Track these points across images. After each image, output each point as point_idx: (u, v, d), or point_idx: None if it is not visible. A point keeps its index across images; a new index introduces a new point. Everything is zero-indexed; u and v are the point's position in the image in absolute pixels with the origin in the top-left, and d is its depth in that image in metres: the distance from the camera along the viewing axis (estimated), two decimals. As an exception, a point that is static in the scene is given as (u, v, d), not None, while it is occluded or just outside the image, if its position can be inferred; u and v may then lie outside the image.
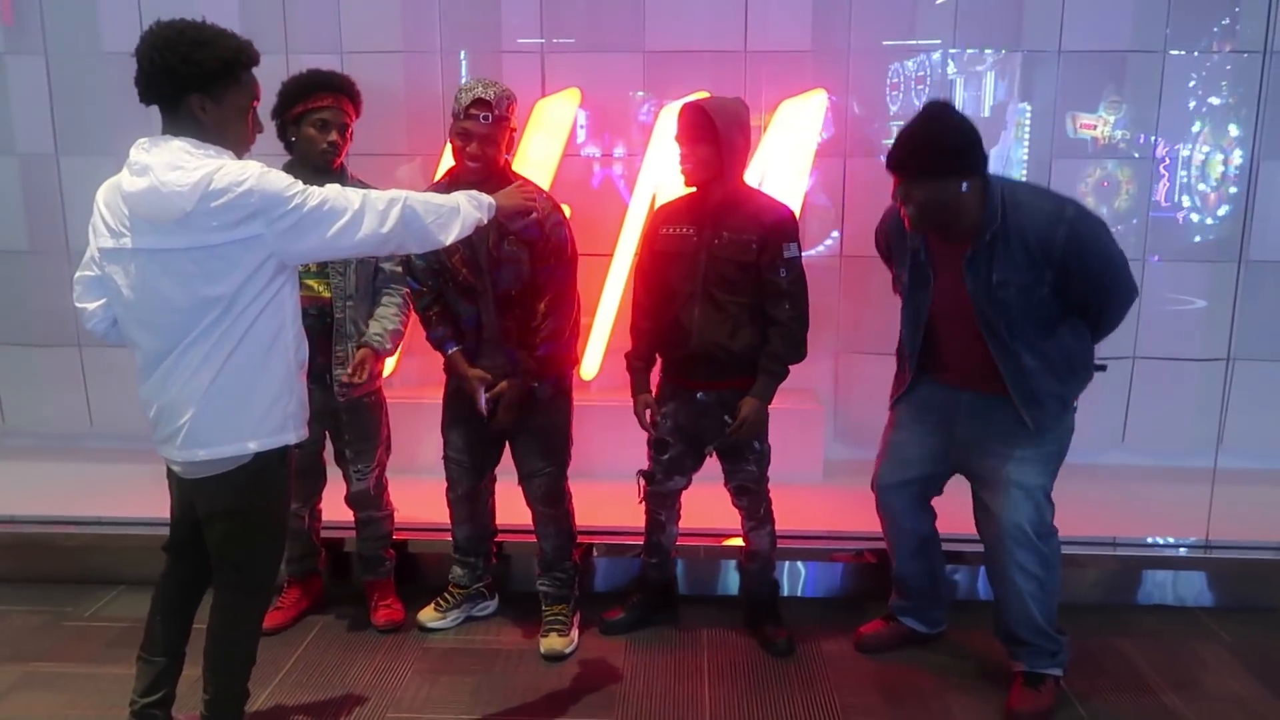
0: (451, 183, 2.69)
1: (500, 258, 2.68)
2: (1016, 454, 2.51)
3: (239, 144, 2.09)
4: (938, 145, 2.33)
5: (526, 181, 2.65)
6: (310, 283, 2.77)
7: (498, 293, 2.72)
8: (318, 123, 2.74)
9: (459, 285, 2.75)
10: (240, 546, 2.18)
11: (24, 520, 3.46)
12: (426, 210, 2.11)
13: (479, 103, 2.59)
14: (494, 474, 3.04)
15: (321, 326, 2.77)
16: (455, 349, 2.81)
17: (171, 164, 1.93)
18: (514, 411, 2.76)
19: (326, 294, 2.78)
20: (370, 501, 3.03)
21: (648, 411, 2.86)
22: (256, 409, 2.07)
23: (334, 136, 2.74)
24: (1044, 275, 2.36)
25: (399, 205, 2.07)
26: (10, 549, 3.42)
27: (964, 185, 2.34)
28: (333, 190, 2.03)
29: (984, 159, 2.39)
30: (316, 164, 2.77)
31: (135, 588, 3.32)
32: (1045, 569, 2.54)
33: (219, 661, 2.23)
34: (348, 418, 2.91)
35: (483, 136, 2.60)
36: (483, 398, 2.74)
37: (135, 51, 1.98)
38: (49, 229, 4.02)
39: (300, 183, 2.01)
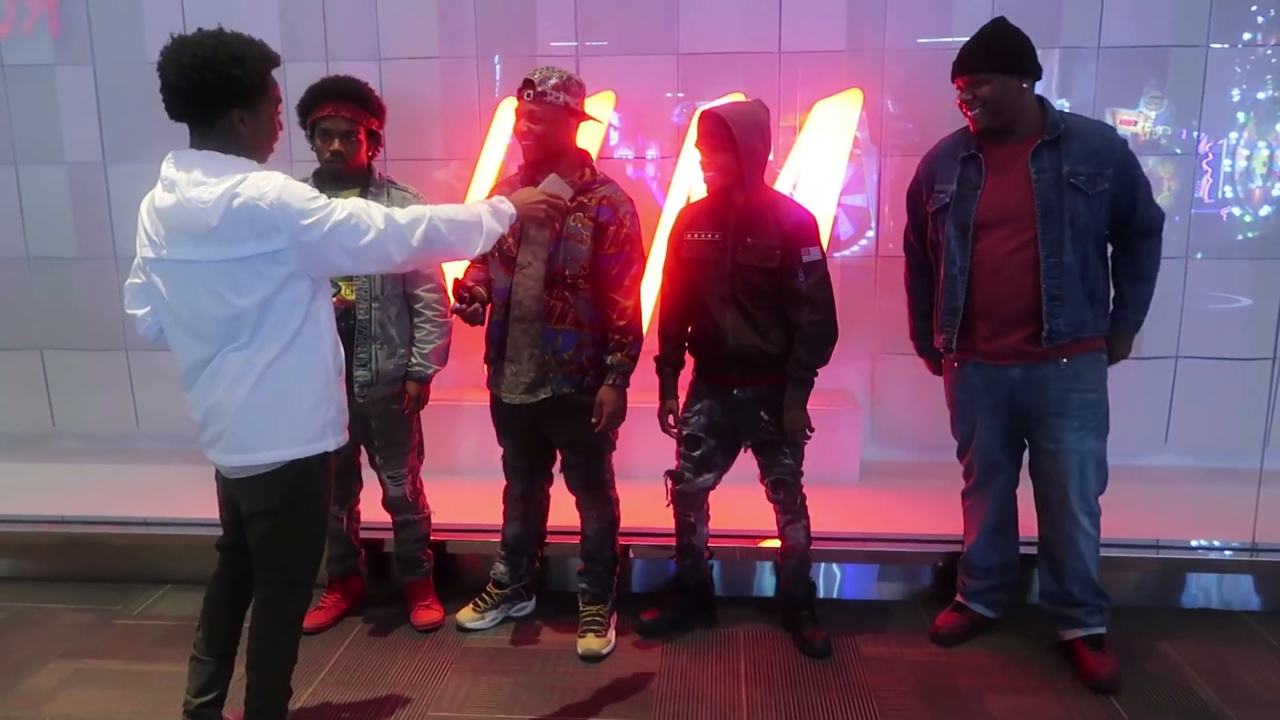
0: (522, 170, 2.79)
1: (563, 232, 2.70)
2: (1075, 422, 2.66)
3: (267, 149, 2.12)
4: (1004, 44, 2.59)
5: (549, 199, 2.46)
6: (337, 281, 2.79)
7: (551, 269, 2.72)
8: (321, 132, 2.79)
9: (502, 254, 2.78)
10: (280, 546, 2.21)
11: (73, 520, 3.54)
12: (451, 228, 2.11)
13: (525, 83, 2.66)
14: (550, 476, 3.07)
15: (345, 328, 2.79)
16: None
17: (195, 180, 1.96)
18: (619, 417, 2.80)
19: (350, 296, 2.81)
20: (406, 506, 3.07)
21: (670, 418, 2.89)
22: (295, 416, 2.10)
23: (336, 145, 2.76)
24: (1105, 172, 2.57)
25: (423, 224, 2.07)
26: (60, 548, 3.51)
27: (1024, 84, 2.59)
28: (358, 205, 2.04)
29: (1039, 67, 2.63)
30: (327, 171, 2.82)
31: (182, 586, 3.39)
32: (1097, 527, 2.73)
33: (260, 659, 2.27)
34: (377, 424, 2.94)
35: (528, 114, 2.66)
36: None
37: (161, 68, 1.98)
38: (97, 236, 4.12)
39: (323, 196, 2.02)
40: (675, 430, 2.91)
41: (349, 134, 2.77)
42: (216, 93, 1.97)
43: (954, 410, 2.90)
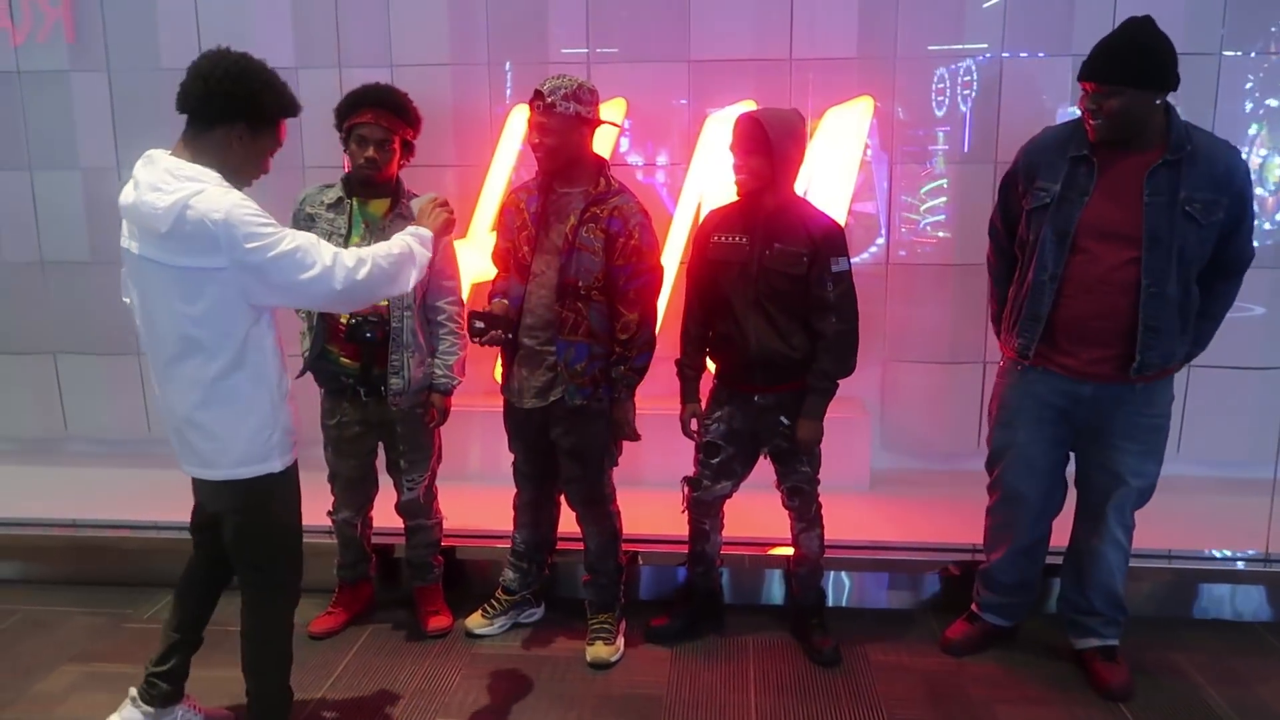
0: (537, 177, 2.80)
1: (575, 243, 2.71)
2: (1139, 445, 2.60)
3: (244, 180, 2.14)
4: (1145, 55, 2.38)
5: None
6: None
7: (564, 280, 2.72)
8: (357, 138, 2.80)
9: (517, 262, 2.79)
10: (249, 548, 2.26)
11: (85, 524, 3.56)
12: (391, 265, 2.15)
13: (535, 94, 2.66)
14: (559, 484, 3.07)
15: (377, 335, 2.83)
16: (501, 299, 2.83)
17: (154, 184, 1.99)
18: (629, 429, 2.82)
19: (384, 303, 2.83)
20: (420, 510, 3.07)
21: (693, 421, 2.87)
22: (239, 439, 2.13)
23: (370, 152, 2.77)
24: (1222, 200, 2.41)
25: (368, 265, 2.10)
26: (72, 552, 3.52)
27: (1158, 100, 2.40)
28: (308, 240, 2.06)
29: (1178, 79, 2.43)
30: (359, 178, 2.84)
31: (191, 591, 3.40)
32: (1130, 538, 2.71)
33: (252, 661, 2.30)
34: (403, 429, 2.96)
35: (539, 126, 2.66)
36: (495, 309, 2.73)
37: (198, 67, 2.03)
38: (110, 241, 4.03)
39: (274, 223, 2.02)
40: (698, 434, 2.90)
41: (384, 142, 2.79)
42: (237, 99, 2.02)
43: (999, 415, 2.79)
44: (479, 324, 2.66)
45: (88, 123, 4.06)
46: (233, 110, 2.03)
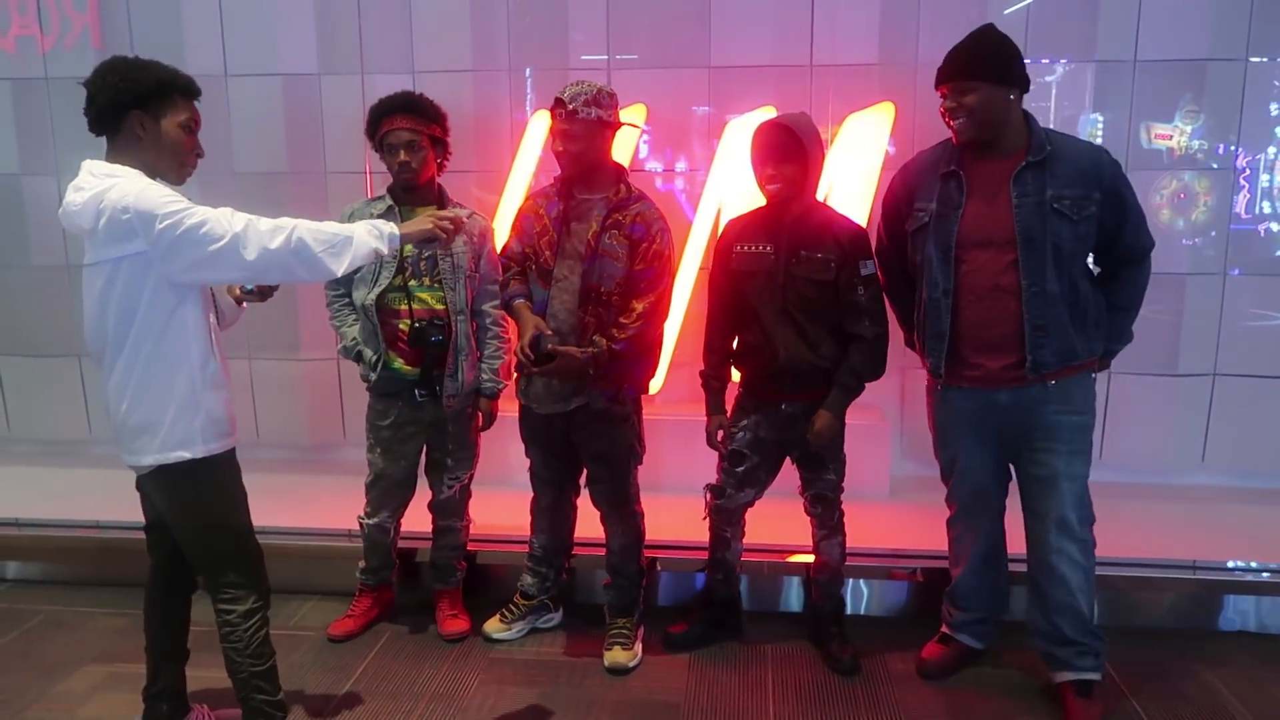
0: (557, 183, 2.81)
1: (599, 250, 2.71)
2: (1061, 447, 2.55)
3: (174, 167, 2.17)
4: (991, 52, 2.46)
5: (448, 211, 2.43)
6: (424, 296, 2.89)
7: (586, 285, 2.73)
8: (388, 147, 2.85)
9: (540, 268, 2.79)
10: (199, 552, 2.30)
11: (108, 525, 3.58)
12: (317, 240, 2.09)
13: (557, 102, 2.67)
14: (577, 488, 3.07)
15: (443, 338, 2.87)
16: (522, 300, 2.80)
17: (76, 185, 2.08)
18: (564, 374, 2.70)
19: (441, 306, 2.88)
20: (454, 509, 3.11)
21: (720, 433, 2.87)
22: (162, 424, 2.15)
23: (402, 156, 2.82)
24: (1093, 195, 2.44)
25: (285, 233, 2.06)
26: (95, 553, 3.55)
27: (1011, 95, 2.46)
28: (217, 213, 2.05)
29: (1028, 79, 2.50)
30: (399, 184, 2.89)
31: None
32: (1088, 557, 2.60)
33: (232, 662, 2.32)
34: (454, 428, 3.01)
35: (561, 134, 2.68)
36: (531, 337, 2.66)
37: (86, 87, 2.12)
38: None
39: (184, 202, 2.04)
40: (724, 444, 2.88)
41: (413, 144, 2.83)
42: (113, 93, 2.08)
43: (937, 435, 2.77)
44: (534, 366, 2.65)
45: (114, 128, 4.10)
46: (119, 103, 2.09)
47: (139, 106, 2.10)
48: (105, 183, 2.03)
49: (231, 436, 2.28)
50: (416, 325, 2.87)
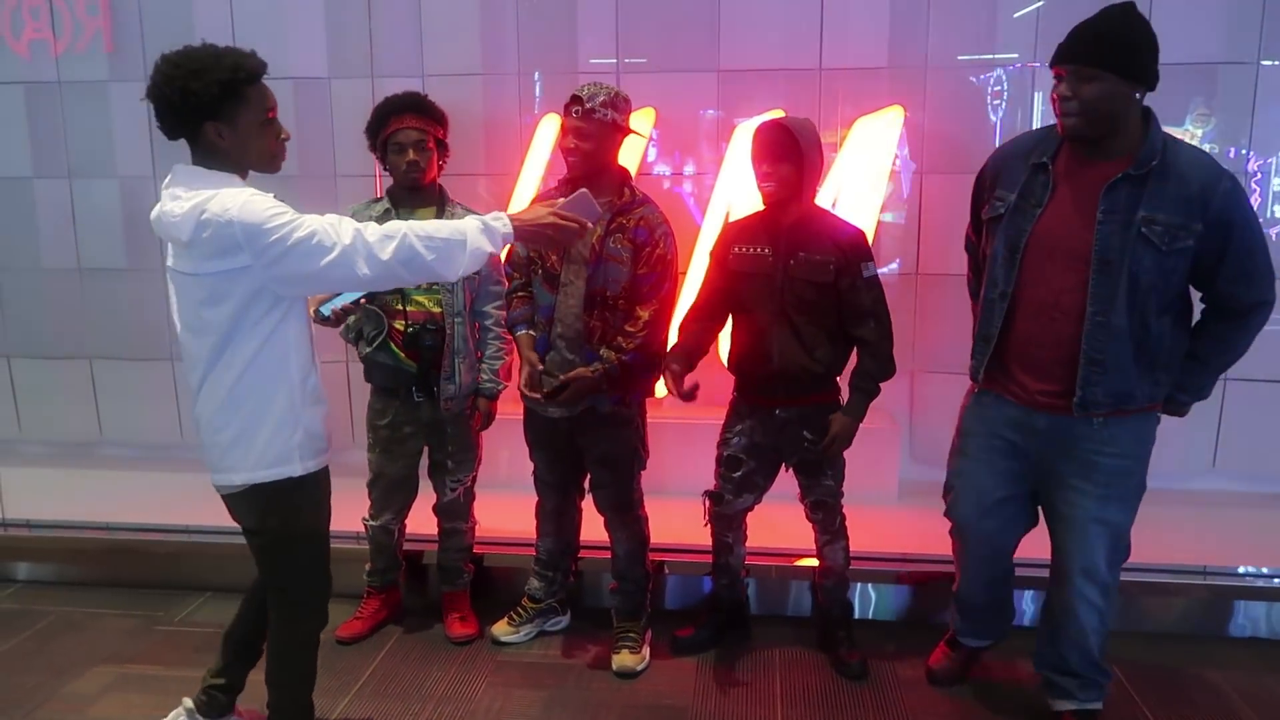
0: (562, 184, 2.77)
1: (603, 254, 2.71)
2: (1098, 489, 2.33)
3: (264, 161, 2.07)
4: (1123, 38, 2.12)
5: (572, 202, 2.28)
6: (420, 299, 2.89)
7: (591, 290, 2.74)
8: (394, 146, 2.85)
9: (545, 272, 2.79)
10: (273, 567, 2.24)
11: (118, 527, 3.60)
12: (429, 246, 1.99)
13: (573, 99, 2.67)
14: (582, 490, 3.07)
15: (436, 341, 2.87)
16: (526, 331, 2.86)
17: (173, 194, 1.99)
18: (578, 398, 2.72)
19: (437, 309, 2.88)
20: (459, 512, 3.11)
21: (678, 377, 2.64)
22: (258, 441, 2.07)
23: (410, 155, 2.83)
24: (1193, 225, 2.13)
25: (395, 242, 1.97)
26: (105, 555, 3.56)
27: (1136, 93, 2.15)
28: (324, 223, 1.97)
29: (1158, 77, 2.17)
30: (404, 184, 2.88)
31: (223, 594, 3.43)
32: (1107, 601, 2.45)
33: (273, 674, 2.30)
34: (453, 430, 3.02)
35: (575, 131, 2.66)
36: (532, 374, 2.74)
37: (146, 92, 2.00)
38: (146, 248, 4.20)
39: (290, 212, 1.96)
40: (681, 384, 2.64)
41: (420, 143, 2.84)
42: (180, 110, 1.96)
43: (955, 441, 2.61)
44: (546, 400, 2.71)
45: (125, 132, 4.13)
46: (186, 117, 1.98)
47: (210, 117, 1.97)
48: (204, 192, 1.94)
49: (328, 453, 2.22)
50: (410, 329, 2.86)
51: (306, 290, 2.09)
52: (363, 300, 2.72)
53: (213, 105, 1.96)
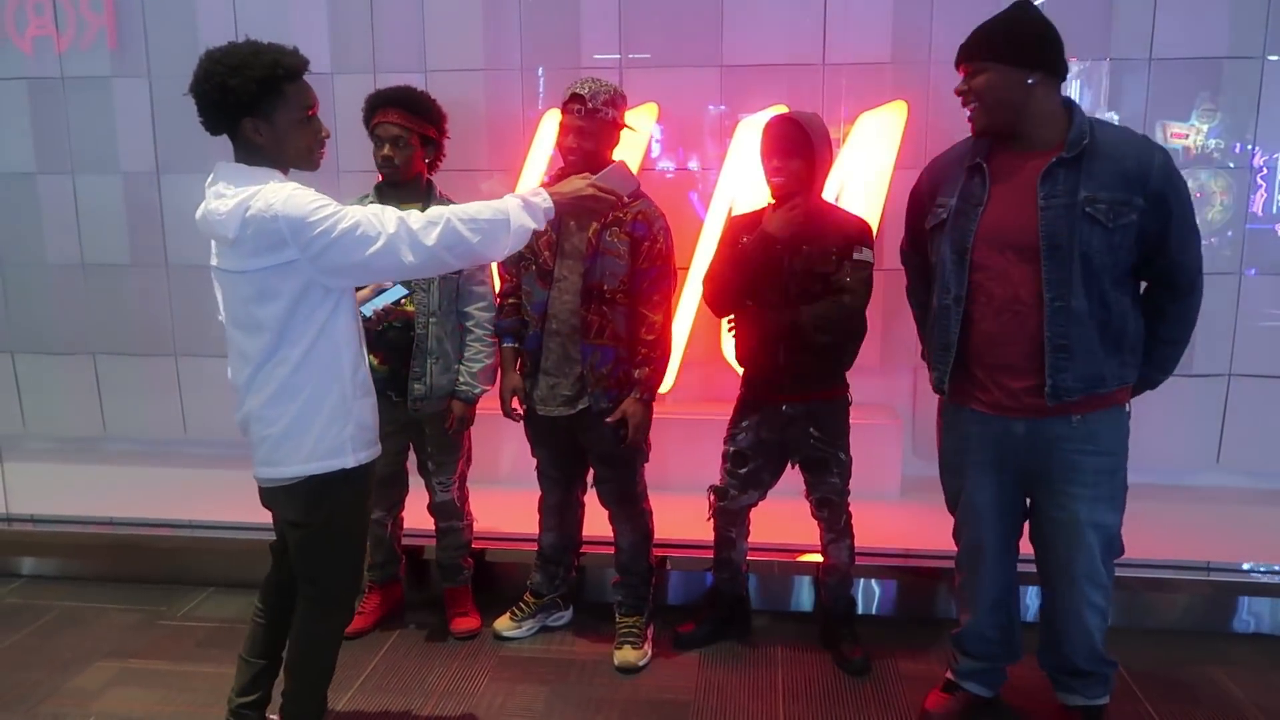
0: (554, 180, 2.74)
1: (599, 248, 2.71)
2: (1087, 492, 2.30)
3: (302, 159, 2.08)
4: (1011, 29, 2.20)
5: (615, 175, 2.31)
6: None
7: (588, 283, 2.73)
8: (375, 139, 2.85)
9: (539, 268, 2.79)
10: (309, 558, 2.22)
11: (122, 522, 3.61)
12: (473, 229, 2.00)
13: (575, 98, 2.67)
14: (584, 485, 3.07)
15: (405, 340, 2.84)
16: (510, 344, 2.88)
17: (218, 191, 1.99)
18: (644, 431, 2.80)
19: (410, 307, 2.84)
20: (452, 511, 3.09)
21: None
22: (312, 432, 2.08)
23: (386, 150, 2.81)
24: (1135, 200, 2.15)
25: (438, 227, 1.98)
26: (109, 550, 3.58)
27: (1030, 79, 2.18)
28: (366, 212, 1.98)
29: (1061, 63, 2.22)
30: (385, 179, 2.88)
31: (226, 589, 3.44)
32: (1108, 599, 2.43)
33: (295, 667, 2.30)
34: (430, 431, 2.98)
35: (576, 129, 2.67)
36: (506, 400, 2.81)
37: (191, 90, 2.00)
38: (149, 244, 4.21)
39: (333, 205, 1.97)
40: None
41: (399, 140, 2.82)
42: (219, 105, 1.97)
43: (942, 460, 2.55)
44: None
45: (129, 128, 4.14)
46: (226, 114, 1.99)
47: (249, 114, 1.98)
48: (247, 190, 1.95)
49: (377, 445, 2.23)
50: (378, 328, 2.81)
51: (353, 280, 2.10)
52: (403, 301, 2.72)
53: (251, 102, 1.96)
